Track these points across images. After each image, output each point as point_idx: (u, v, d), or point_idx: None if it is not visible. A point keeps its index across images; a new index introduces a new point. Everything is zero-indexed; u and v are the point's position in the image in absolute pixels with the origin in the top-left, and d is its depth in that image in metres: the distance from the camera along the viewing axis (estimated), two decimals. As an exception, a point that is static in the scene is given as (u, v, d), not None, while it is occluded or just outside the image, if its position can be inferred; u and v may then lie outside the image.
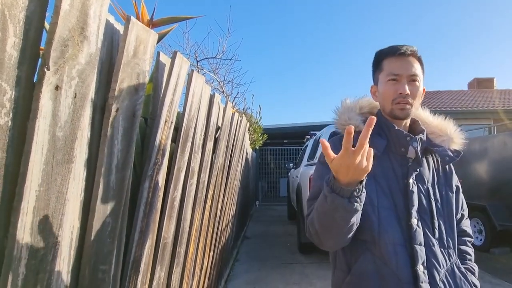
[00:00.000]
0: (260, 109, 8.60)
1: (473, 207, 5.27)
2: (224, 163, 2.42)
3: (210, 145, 1.79)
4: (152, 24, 1.32)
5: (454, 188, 1.09)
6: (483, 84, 15.69)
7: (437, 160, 1.09)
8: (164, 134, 1.07)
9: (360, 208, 0.84)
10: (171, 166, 1.21)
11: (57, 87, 0.60)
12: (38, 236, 0.58)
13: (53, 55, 0.58)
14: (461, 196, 1.14)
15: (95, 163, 0.76)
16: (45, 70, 0.57)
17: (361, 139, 0.74)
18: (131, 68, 0.82)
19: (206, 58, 7.20)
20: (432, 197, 1.01)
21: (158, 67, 1.06)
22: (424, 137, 1.05)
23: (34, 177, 0.56)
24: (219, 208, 2.50)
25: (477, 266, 1.09)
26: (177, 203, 1.32)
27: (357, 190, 0.80)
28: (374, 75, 1.10)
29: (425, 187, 1.01)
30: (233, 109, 3.15)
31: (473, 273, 1.05)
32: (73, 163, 0.66)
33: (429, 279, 0.93)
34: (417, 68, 1.01)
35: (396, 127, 1.02)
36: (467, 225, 1.15)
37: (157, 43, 0.94)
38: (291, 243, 5.68)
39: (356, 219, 0.87)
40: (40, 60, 0.59)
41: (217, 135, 2.01)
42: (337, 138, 1.08)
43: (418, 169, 1.01)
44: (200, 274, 2.07)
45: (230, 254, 4.19)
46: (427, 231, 0.97)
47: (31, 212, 0.56)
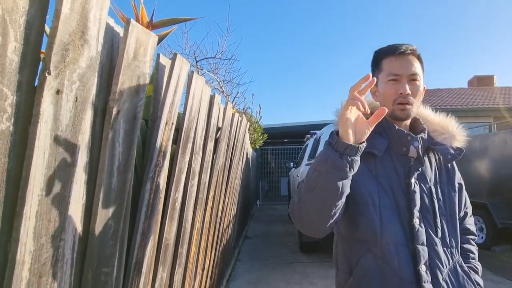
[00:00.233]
0: (260, 108, 8.58)
1: (474, 205, 5.23)
2: (225, 163, 2.42)
3: (210, 145, 1.79)
4: (151, 26, 1.31)
5: (457, 186, 1.08)
6: (483, 82, 15.67)
7: (439, 158, 1.08)
8: (165, 136, 1.07)
9: (348, 176, 0.84)
10: (172, 168, 1.21)
11: (58, 91, 0.60)
12: (41, 240, 0.58)
13: (54, 60, 0.58)
14: (465, 193, 1.13)
15: (97, 166, 0.76)
16: (46, 74, 0.57)
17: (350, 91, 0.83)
18: (131, 70, 0.82)
19: (206, 58, 7.20)
20: (435, 196, 1.00)
21: (158, 69, 1.06)
22: (425, 135, 1.05)
23: (36, 181, 0.56)
24: (220, 209, 2.50)
25: (480, 265, 1.08)
26: (178, 204, 1.32)
27: (351, 147, 0.83)
28: (373, 75, 1.09)
29: (427, 186, 1.01)
30: (233, 109, 3.15)
31: (476, 272, 1.05)
32: (74, 167, 0.66)
33: (431, 278, 0.93)
34: (417, 67, 1.01)
35: (397, 127, 1.02)
36: (470, 223, 1.15)
37: (157, 45, 0.95)
38: (292, 242, 5.69)
39: (341, 188, 0.84)
40: (41, 64, 0.59)
41: (217, 136, 2.01)
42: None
43: (420, 168, 1.00)
44: (202, 274, 2.07)
45: (232, 254, 4.19)
46: (429, 230, 0.96)
47: (34, 217, 0.56)
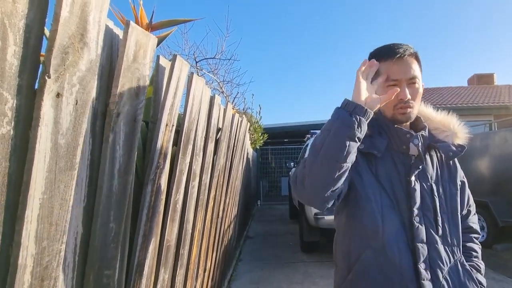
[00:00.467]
0: (260, 108, 8.59)
1: (475, 203, 5.26)
2: (226, 164, 2.42)
3: (211, 146, 1.79)
4: (151, 27, 1.31)
5: (459, 184, 1.08)
6: (483, 80, 15.66)
7: (441, 156, 1.07)
8: (165, 138, 1.07)
9: (356, 135, 0.86)
10: (173, 169, 1.21)
11: (58, 95, 0.60)
12: (43, 244, 0.58)
13: (53, 63, 0.58)
14: (467, 191, 1.12)
15: (98, 168, 0.76)
16: (46, 78, 0.57)
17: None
18: (131, 73, 0.82)
19: (205, 59, 7.20)
20: (436, 194, 1.00)
21: (158, 71, 1.06)
22: (426, 133, 1.04)
23: (37, 185, 0.56)
24: (221, 209, 2.50)
25: (483, 264, 1.08)
26: (179, 205, 1.32)
27: (360, 107, 0.87)
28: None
29: (428, 184, 1.00)
30: (233, 109, 3.15)
31: (478, 271, 1.04)
32: (75, 170, 0.66)
33: (431, 276, 0.93)
34: (415, 69, 1.00)
35: (396, 125, 1.02)
36: (474, 221, 1.14)
37: (156, 46, 0.94)
38: (293, 242, 5.69)
39: (347, 147, 0.85)
40: (41, 68, 0.59)
41: (218, 137, 2.01)
42: None
43: (420, 166, 1.00)
44: (204, 275, 2.07)
45: (233, 254, 4.19)
46: (430, 228, 0.96)
47: (35, 220, 0.56)
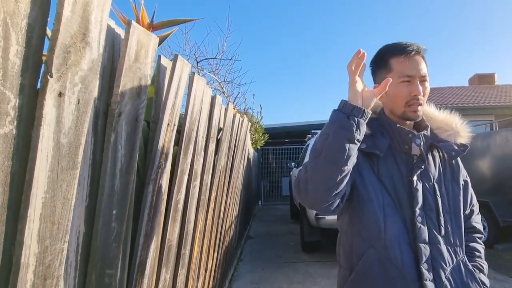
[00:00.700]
0: (261, 108, 8.60)
1: (476, 203, 5.27)
2: (227, 164, 2.42)
3: (212, 146, 1.79)
4: (152, 27, 1.32)
5: (462, 183, 1.07)
6: (484, 80, 15.64)
7: (443, 155, 1.07)
8: (166, 138, 1.07)
9: (355, 138, 0.86)
10: (174, 169, 1.21)
11: (60, 94, 0.60)
12: (45, 243, 0.59)
13: (55, 62, 0.58)
14: (470, 191, 1.12)
15: (100, 168, 0.76)
16: (48, 77, 0.57)
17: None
18: (133, 72, 0.82)
19: (206, 59, 7.20)
20: (438, 194, 1.00)
21: (159, 71, 1.06)
22: (428, 133, 1.04)
23: (40, 184, 0.56)
24: (222, 209, 2.50)
25: (486, 264, 1.07)
26: (181, 205, 1.32)
27: (357, 108, 0.87)
28: (377, 74, 1.06)
29: (430, 184, 1.00)
30: (234, 109, 3.15)
31: (481, 271, 1.04)
32: (77, 169, 0.66)
33: (434, 277, 0.93)
34: (425, 67, 1.00)
35: (398, 125, 1.02)
36: (477, 221, 1.13)
37: (157, 46, 0.95)
38: (294, 242, 5.69)
39: (347, 150, 0.85)
40: (43, 67, 0.59)
41: (219, 137, 2.01)
42: None
43: (422, 166, 1.00)
44: (205, 275, 2.08)
45: (234, 254, 4.19)
46: (432, 228, 0.96)
47: (38, 219, 0.56)
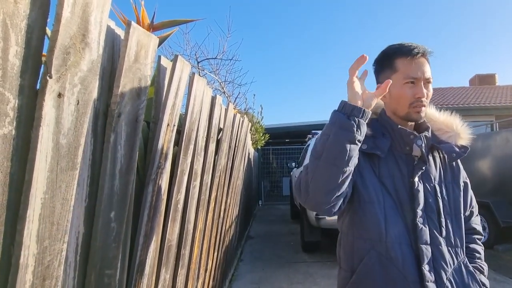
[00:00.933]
0: (262, 109, 8.59)
1: (477, 204, 5.27)
2: (227, 164, 2.42)
3: (212, 146, 1.79)
4: (152, 27, 1.32)
5: (462, 185, 1.07)
6: (484, 81, 15.61)
7: (444, 157, 1.07)
8: (166, 138, 1.07)
9: (356, 138, 0.85)
10: (174, 169, 1.21)
11: (59, 95, 0.60)
12: (44, 243, 0.59)
13: (55, 63, 0.58)
14: (470, 192, 1.12)
15: (99, 168, 0.76)
16: (48, 78, 0.57)
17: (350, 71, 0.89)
18: (132, 73, 0.82)
19: (207, 59, 7.19)
20: (439, 195, 1.00)
21: (159, 71, 1.06)
22: (429, 134, 1.04)
23: (39, 184, 0.56)
24: (222, 209, 2.50)
25: (486, 265, 1.07)
26: (180, 205, 1.32)
27: (357, 109, 0.86)
28: (381, 74, 1.05)
29: (431, 185, 1.00)
30: (234, 109, 3.15)
31: (482, 272, 1.04)
32: (77, 170, 0.66)
33: (435, 278, 0.93)
34: (429, 70, 1.00)
35: (399, 126, 1.02)
36: (476, 222, 1.14)
37: (158, 47, 0.95)
38: (294, 242, 5.69)
39: (348, 151, 0.85)
40: (42, 68, 0.59)
41: (219, 137, 2.01)
42: None
43: (423, 167, 1.00)
44: (205, 275, 2.08)
45: (234, 254, 4.19)
46: (433, 230, 0.96)
47: (37, 220, 0.57)
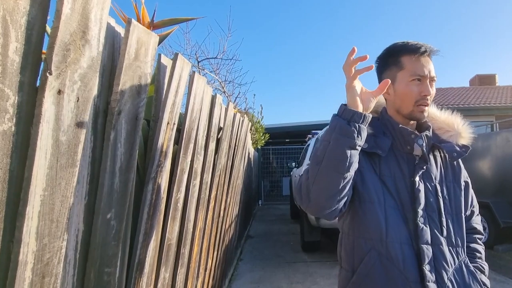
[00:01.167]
0: (262, 108, 8.59)
1: (477, 204, 5.29)
2: (227, 163, 2.42)
3: (212, 145, 1.79)
4: (153, 26, 1.32)
5: (463, 184, 1.07)
6: (485, 81, 15.62)
7: (445, 156, 1.07)
8: (166, 136, 1.07)
9: (356, 144, 0.85)
10: (174, 168, 1.21)
11: (59, 92, 0.60)
12: (44, 240, 0.58)
13: (55, 60, 0.58)
14: (471, 192, 1.12)
15: (99, 166, 0.76)
16: (48, 75, 0.57)
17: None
18: (132, 71, 0.82)
19: (207, 59, 7.20)
20: (440, 194, 0.99)
21: (159, 69, 1.06)
22: (430, 133, 1.04)
23: (38, 181, 0.56)
24: (222, 208, 2.50)
25: (487, 265, 1.07)
26: (180, 204, 1.32)
27: (358, 114, 0.85)
28: (386, 71, 1.05)
29: (432, 184, 1.00)
30: (234, 109, 3.15)
31: (482, 272, 1.04)
32: (77, 167, 0.66)
33: (436, 278, 0.93)
34: (434, 69, 1.00)
35: (400, 125, 1.01)
36: (477, 222, 1.13)
37: (158, 45, 0.94)
38: (294, 242, 5.69)
39: (349, 157, 0.85)
40: (42, 65, 0.59)
41: (219, 136, 2.01)
42: None
43: (424, 167, 1.00)
44: (205, 274, 2.07)
45: (234, 254, 4.19)
46: (434, 229, 0.96)
47: (36, 217, 0.56)
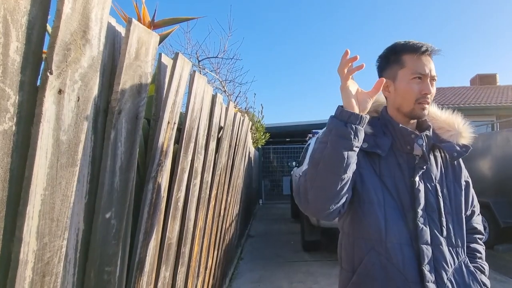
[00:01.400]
0: (262, 108, 8.60)
1: (477, 204, 5.28)
2: (227, 162, 2.42)
3: (213, 145, 1.79)
4: (153, 25, 1.32)
5: (464, 184, 1.07)
6: (485, 80, 15.59)
7: (445, 156, 1.07)
8: (167, 136, 1.07)
9: (353, 145, 0.85)
10: (174, 167, 1.21)
11: (60, 91, 0.60)
12: (44, 239, 0.59)
13: (55, 59, 0.58)
14: (472, 191, 1.12)
15: (99, 165, 0.76)
16: (48, 74, 0.57)
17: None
18: (133, 70, 0.82)
19: (208, 58, 7.20)
20: (440, 194, 0.99)
21: (160, 69, 1.06)
22: (430, 133, 1.04)
23: (39, 181, 0.56)
24: (222, 208, 2.50)
25: (487, 265, 1.07)
26: (181, 203, 1.32)
27: (354, 115, 0.85)
28: (387, 69, 1.05)
29: (432, 184, 1.00)
30: (235, 108, 3.15)
31: (482, 272, 1.03)
32: (77, 166, 0.66)
33: (436, 278, 0.93)
34: (434, 68, 1.01)
35: (400, 125, 1.01)
36: (478, 221, 1.13)
37: (158, 44, 0.95)
38: (295, 241, 5.69)
39: (346, 159, 0.85)
40: (43, 64, 0.59)
41: (219, 135, 2.01)
42: None
43: (424, 167, 1.00)
44: (205, 273, 2.08)
45: (234, 253, 4.20)
46: (434, 229, 0.96)
47: (37, 216, 0.57)
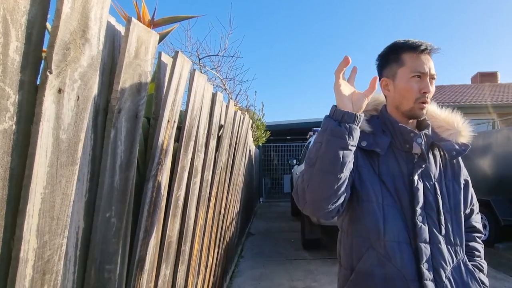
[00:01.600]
0: (263, 106, 8.60)
1: (477, 202, 5.28)
2: (228, 161, 2.43)
3: (213, 143, 1.79)
4: (153, 24, 1.32)
5: (463, 182, 1.07)
6: (486, 78, 15.55)
7: (444, 154, 1.07)
8: (167, 134, 1.08)
9: (348, 144, 0.85)
10: (174, 166, 1.21)
11: (60, 90, 0.60)
12: (44, 238, 0.59)
13: (55, 59, 0.58)
14: (471, 190, 1.12)
15: (99, 164, 0.76)
16: (48, 73, 0.57)
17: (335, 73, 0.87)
18: (132, 69, 0.82)
19: (208, 56, 7.19)
20: (439, 193, 1.00)
21: (160, 67, 1.06)
22: (429, 132, 1.04)
23: (39, 179, 0.57)
24: (223, 206, 2.51)
25: (486, 263, 1.07)
26: (181, 202, 1.32)
27: (348, 114, 0.85)
28: (387, 68, 1.05)
29: (431, 183, 1.00)
30: (235, 106, 3.15)
31: (481, 270, 1.04)
32: (77, 165, 0.66)
33: (434, 276, 0.93)
34: (434, 67, 1.01)
35: (400, 123, 1.01)
36: (477, 220, 1.14)
37: (158, 43, 0.95)
38: (295, 239, 5.70)
39: (342, 158, 0.85)
40: (42, 63, 0.60)
41: (220, 134, 2.01)
42: None
43: (423, 165, 1.00)
44: (205, 271, 2.09)
45: (235, 251, 4.21)
46: (433, 228, 0.96)
47: (37, 214, 0.57)
